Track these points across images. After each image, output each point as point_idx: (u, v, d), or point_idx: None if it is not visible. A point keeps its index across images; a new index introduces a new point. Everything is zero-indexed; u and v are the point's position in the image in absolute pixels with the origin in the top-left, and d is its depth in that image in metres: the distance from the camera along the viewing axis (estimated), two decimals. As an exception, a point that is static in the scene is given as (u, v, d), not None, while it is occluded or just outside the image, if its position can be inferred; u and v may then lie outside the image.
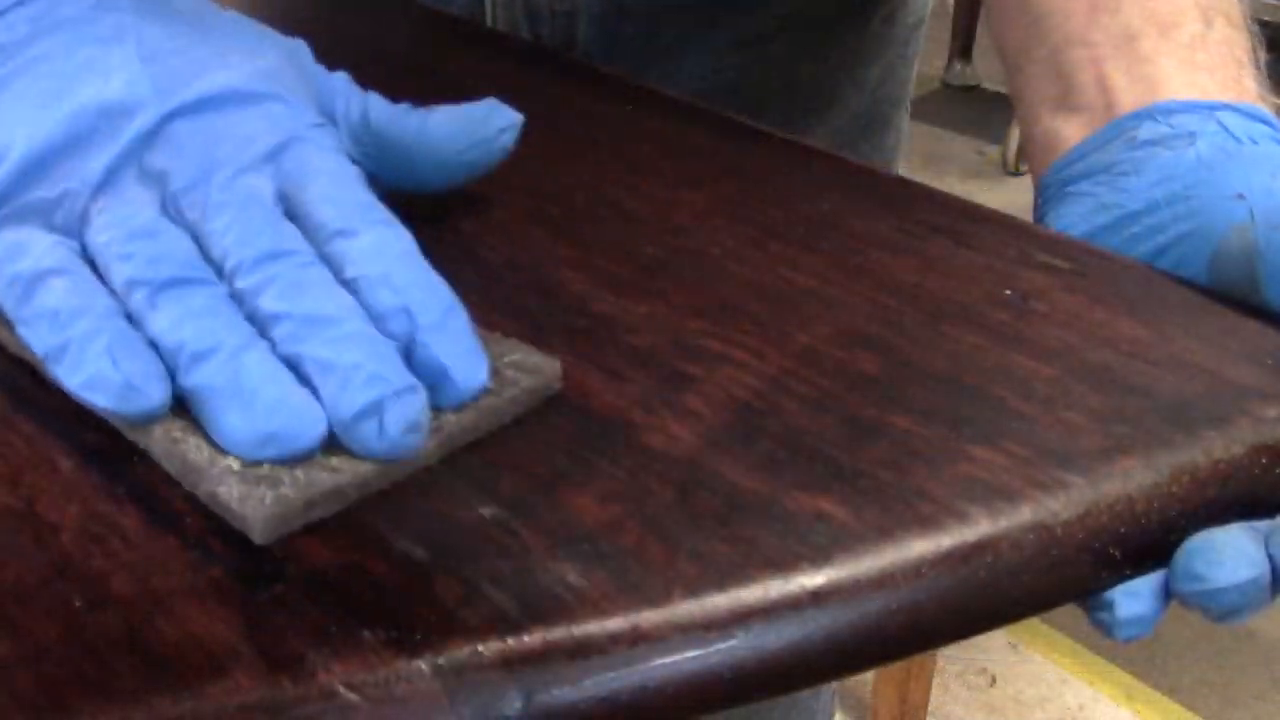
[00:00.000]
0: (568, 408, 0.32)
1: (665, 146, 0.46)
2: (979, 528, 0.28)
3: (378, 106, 0.39)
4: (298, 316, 0.29)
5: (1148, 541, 0.30)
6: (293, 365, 0.29)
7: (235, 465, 0.28)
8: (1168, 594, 0.30)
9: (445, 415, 0.30)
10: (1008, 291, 0.37)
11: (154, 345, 0.29)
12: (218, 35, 0.35)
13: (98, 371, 0.29)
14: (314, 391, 0.29)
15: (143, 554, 0.28)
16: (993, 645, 1.64)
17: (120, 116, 0.32)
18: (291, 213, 0.32)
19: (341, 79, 0.39)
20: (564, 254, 0.39)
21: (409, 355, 0.30)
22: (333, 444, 0.29)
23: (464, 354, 0.30)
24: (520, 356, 0.32)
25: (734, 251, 0.39)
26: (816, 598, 0.27)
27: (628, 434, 0.31)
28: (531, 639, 0.26)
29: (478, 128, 0.39)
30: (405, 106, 0.39)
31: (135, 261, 0.30)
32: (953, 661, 1.63)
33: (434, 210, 0.40)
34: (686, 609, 0.26)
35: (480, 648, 0.25)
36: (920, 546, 0.28)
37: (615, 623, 0.26)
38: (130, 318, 0.30)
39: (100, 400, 0.29)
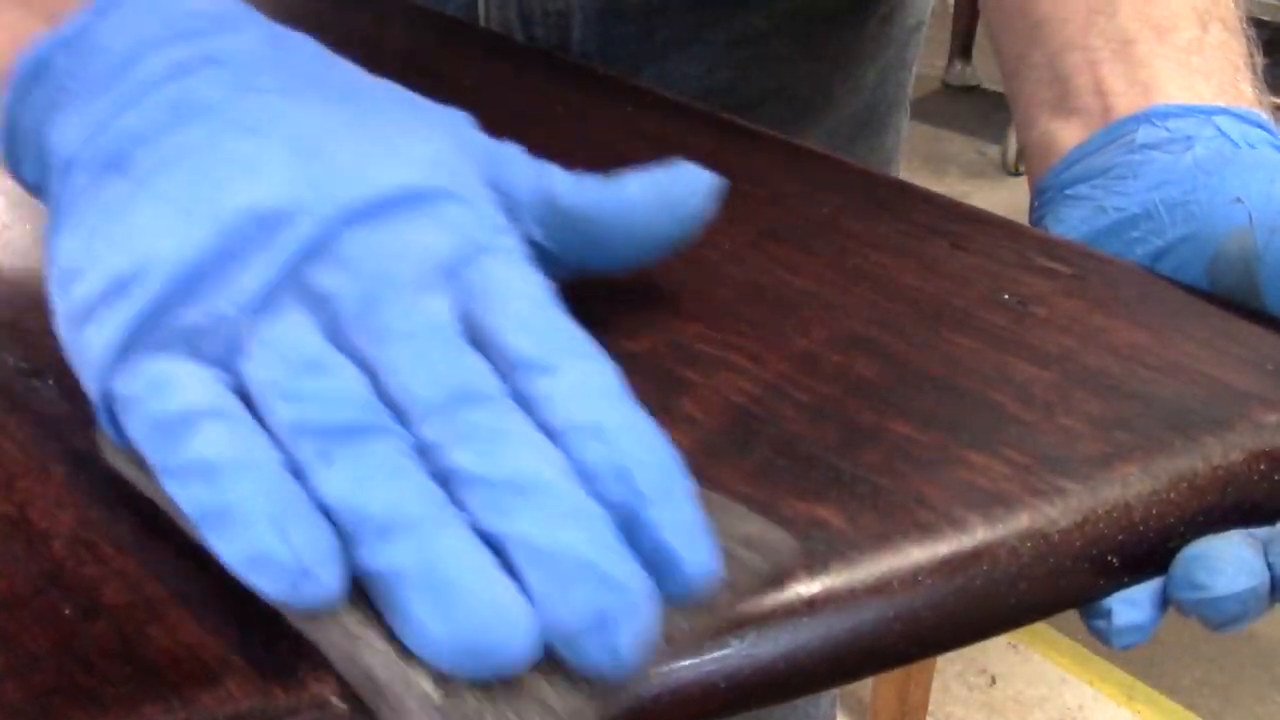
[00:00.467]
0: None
1: (662, 148, 0.46)
2: (976, 535, 0.28)
3: (564, 183, 0.33)
4: (499, 481, 0.24)
5: (1146, 549, 0.30)
6: (493, 545, 0.24)
7: (432, 693, 0.23)
8: (1166, 601, 0.30)
9: (672, 618, 0.24)
10: (1006, 295, 0.37)
11: (326, 511, 0.24)
12: (377, 116, 0.30)
13: (264, 546, 0.24)
14: (520, 584, 0.23)
15: (135, 562, 0.27)
16: (993, 645, 1.64)
17: (278, 226, 0.27)
18: (477, 341, 0.27)
19: (515, 153, 0.33)
20: (560, 257, 0.39)
21: (628, 533, 0.24)
22: (542, 657, 0.23)
23: (695, 534, 0.24)
24: (753, 530, 0.27)
25: (731, 254, 0.39)
26: (812, 606, 0.27)
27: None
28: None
29: (678, 200, 0.34)
30: (593, 180, 0.34)
31: (303, 403, 0.25)
32: (952, 662, 1.63)
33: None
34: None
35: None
36: (917, 554, 0.28)
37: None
38: (296, 473, 0.25)
39: (267, 585, 0.24)
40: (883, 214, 0.41)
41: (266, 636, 0.25)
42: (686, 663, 0.26)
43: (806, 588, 0.27)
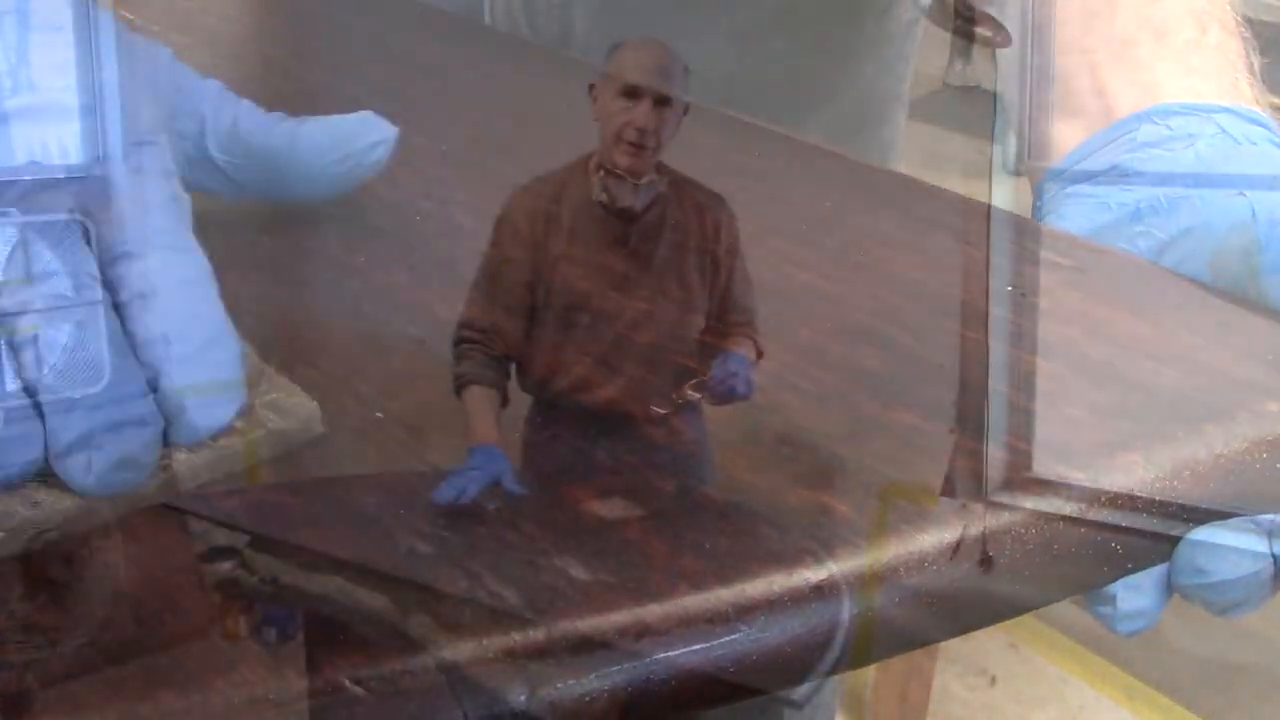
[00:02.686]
0: (571, 403, 0.32)
1: (666, 144, 0.46)
2: (981, 522, 0.28)
3: (248, 116, 0.38)
4: (42, 340, 0.29)
5: (1150, 537, 0.30)
6: (32, 390, 0.28)
7: None
8: (1169, 588, 0.30)
9: (177, 453, 0.28)
10: (1009, 287, 0.37)
11: None
12: (61, 42, 0.35)
13: None
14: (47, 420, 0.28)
15: (150, 548, 0.28)
16: (993, 645, 1.64)
17: None
18: (88, 234, 0.31)
19: (213, 86, 0.39)
20: (564, 250, 0.39)
21: (160, 389, 0.29)
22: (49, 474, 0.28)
23: (208, 390, 0.29)
24: (279, 397, 0.31)
25: (736, 249, 0.39)
26: (820, 591, 0.27)
27: (631, 429, 0.31)
28: (535, 633, 0.26)
29: (349, 141, 0.39)
30: (277, 116, 0.39)
31: None
32: (953, 662, 1.62)
33: (434, 207, 0.40)
34: (690, 603, 0.26)
35: (484, 642, 0.25)
36: (922, 540, 0.28)
37: (619, 616, 0.26)
38: None
39: None
40: (885, 208, 0.42)
41: (281, 622, 0.26)
42: (695, 646, 0.26)
43: (813, 573, 0.27)
